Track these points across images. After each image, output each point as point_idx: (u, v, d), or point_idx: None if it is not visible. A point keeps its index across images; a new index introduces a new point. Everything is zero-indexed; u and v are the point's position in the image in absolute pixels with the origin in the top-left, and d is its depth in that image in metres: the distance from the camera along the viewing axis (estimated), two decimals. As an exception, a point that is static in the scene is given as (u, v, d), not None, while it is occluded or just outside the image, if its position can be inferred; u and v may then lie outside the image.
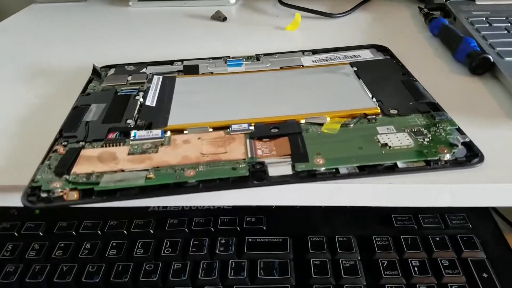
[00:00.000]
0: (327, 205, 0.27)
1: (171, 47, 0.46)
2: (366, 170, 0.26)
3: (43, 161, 0.28)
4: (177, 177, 0.26)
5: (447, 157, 0.26)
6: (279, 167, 0.26)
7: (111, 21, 0.55)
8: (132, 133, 0.30)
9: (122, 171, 0.27)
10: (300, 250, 0.34)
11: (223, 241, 0.35)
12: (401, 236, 0.34)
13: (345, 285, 0.31)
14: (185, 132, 0.30)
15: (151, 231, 0.36)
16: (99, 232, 0.36)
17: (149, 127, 0.31)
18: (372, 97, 0.33)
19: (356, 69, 0.37)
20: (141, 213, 0.37)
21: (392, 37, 0.46)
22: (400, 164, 0.26)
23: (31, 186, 0.26)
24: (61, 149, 0.29)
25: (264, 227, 0.36)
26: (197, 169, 0.26)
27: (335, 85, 0.35)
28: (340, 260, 0.33)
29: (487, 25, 0.43)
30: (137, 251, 0.34)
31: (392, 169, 0.26)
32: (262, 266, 0.33)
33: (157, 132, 0.30)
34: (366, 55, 0.40)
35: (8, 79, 0.41)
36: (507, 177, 0.26)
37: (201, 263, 0.33)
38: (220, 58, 0.41)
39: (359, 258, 0.33)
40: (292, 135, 0.29)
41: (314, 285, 0.31)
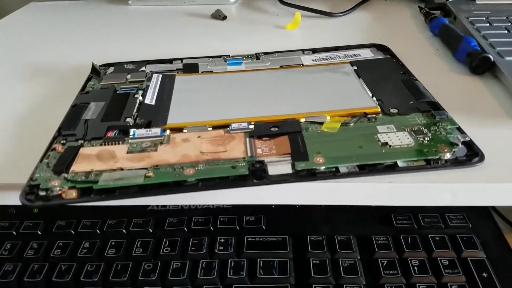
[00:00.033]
0: (326, 204, 0.27)
1: (170, 45, 0.46)
2: (366, 169, 0.26)
3: (41, 160, 0.28)
4: (177, 175, 0.26)
5: (447, 156, 0.26)
6: (278, 166, 0.26)
7: (110, 20, 0.55)
8: (131, 131, 0.30)
9: (121, 169, 0.26)
10: (299, 250, 0.34)
11: (222, 240, 0.34)
12: (401, 236, 0.34)
13: (344, 285, 0.31)
14: (184, 130, 0.30)
15: (150, 230, 0.36)
16: (98, 231, 0.36)
17: (148, 125, 0.31)
18: (372, 96, 0.33)
19: (356, 68, 0.37)
20: (140, 212, 0.37)
21: (392, 36, 0.46)
22: (400, 163, 0.26)
23: (29, 185, 0.26)
24: (59, 148, 0.29)
25: (264, 227, 0.36)
26: (196, 168, 0.26)
27: (335, 84, 0.35)
28: (340, 260, 0.33)
29: (488, 24, 0.43)
30: (136, 250, 0.34)
31: (392, 168, 0.26)
32: (261, 265, 0.32)
33: (156, 131, 0.30)
34: (366, 54, 0.40)
35: (7, 77, 0.41)
36: (507, 177, 0.26)
37: (200, 262, 0.33)
38: (220, 56, 0.41)
39: (358, 258, 0.33)
40: (292, 134, 0.29)
41: (313, 285, 0.31)
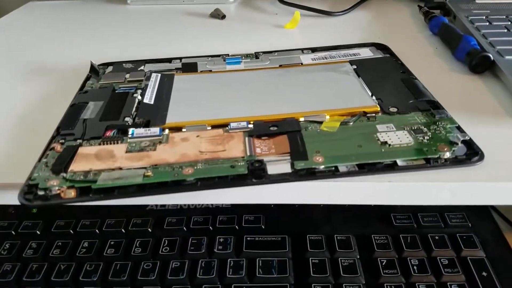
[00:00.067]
0: (326, 203, 0.27)
1: (169, 45, 0.46)
2: (366, 168, 0.26)
3: (40, 159, 0.28)
4: (175, 175, 0.26)
5: (447, 155, 0.26)
6: (278, 165, 0.26)
7: (109, 19, 0.55)
8: (130, 131, 0.30)
9: (120, 169, 0.26)
10: (299, 249, 0.34)
11: (221, 239, 0.34)
12: (400, 235, 0.34)
13: (344, 284, 0.31)
14: (183, 130, 0.30)
15: (149, 230, 0.36)
16: (97, 230, 0.36)
17: (147, 125, 0.31)
18: (372, 95, 0.33)
19: (356, 67, 0.37)
20: (139, 211, 0.37)
21: (392, 35, 0.46)
22: (399, 162, 0.26)
23: (28, 184, 0.26)
24: (58, 147, 0.29)
25: (263, 226, 0.36)
26: (195, 167, 0.26)
27: (335, 83, 0.35)
28: (339, 259, 0.33)
29: (487, 23, 0.43)
30: (135, 249, 0.34)
31: (391, 167, 0.26)
32: (260, 264, 0.32)
33: (155, 130, 0.30)
34: (366, 53, 0.40)
35: (5, 77, 0.41)
36: (507, 176, 0.26)
37: (200, 261, 0.33)
38: (219, 56, 0.41)
39: (358, 257, 0.33)
40: (291, 133, 0.29)
41: (313, 284, 0.31)
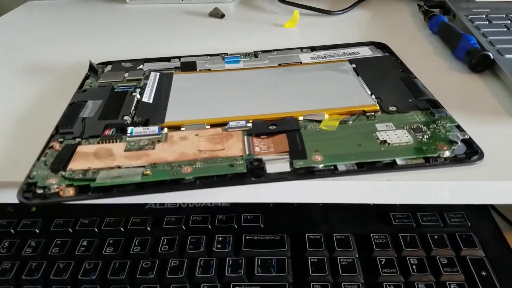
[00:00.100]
0: (325, 202, 0.27)
1: (168, 44, 0.46)
2: (365, 167, 0.26)
3: (39, 158, 0.28)
4: (174, 173, 0.26)
5: (446, 154, 0.26)
6: (277, 164, 0.26)
7: (108, 18, 0.55)
8: (129, 129, 0.30)
9: (119, 167, 0.26)
10: (297, 248, 0.34)
11: (220, 238, 0.34)
12: (399, 234, 0.34)
13: (342, 283, 0.31)
14: (182, 128, 0.30)
15: (148, 229, 0.36)
16: (95, 229, 0.36)
17: (146, 123, 0.31)
18: (371, 94, 0.33)
19: (355, 66, 0.37)
20: (138, 210, 0.37)
21: (391, 34, 0.46)
22: (399, 161, 0.26)
23: (27, 183, 0.26)
24: (57, 146, 0.29)
25: (262, 225, 0.36)
26: (194, 166, 0.26)
27: (334, 82, 0.35)
28: (338, 258, 0.33)
29: (487, 22, 0.43)
30: (134, 248, 0.34)
31: (391, 166, 0.26)
32: (259, 263, 0.32)
33: (154, 129, 0.30)
34: (365, 52, 0.40)
35: (5, 76, 0.41)
36: (506, 175, 0.26)
37: (198, 260, 0.33)
38: (218, 55, 0.41)
39: (357, 256, 0.33)
40: (290, 132, 0.29)
41: (311, 283, 0.31)
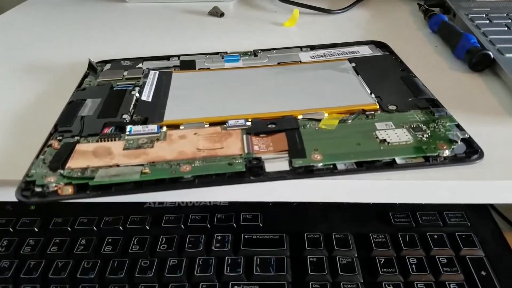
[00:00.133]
0: (324, 201, 0.27)
1: (167, 42, 0.46)
2: (364, 166, 0.26)
3: (37, 156, 0.28)
4: (173, 172, 0.26)
5: (446, 153, 0.26)
6: (276, 162, 0.26)
7: (107, 17, 0.55)
8: (128, 128, 0.30)
9: (117, 166, 0.26)
10: (296, 247, 0.34)
11: (219, 237, 0.34)
12: (398, 234, 0.34)
13: (341, 282, 0.31)
14: (181, 127, 0.30)
15: (147, 227, 0.36)
16: (94, 228, 0.36)
17: (145, 122, 0.31)
18: (371, 93, 0.33)
19: (355, 65, 0.37)
20: (137, 209, 0.37)
21: (391, 33, 0.45)
22: (398, 160, 0.26)
23: (25, 181, 0.26)
24: (56, 144, 0.29)
25: (261, 224, 0.36)
26: (193, 165, 0.26)
27: (333, 81, 0.35)
28: (337, 257, 0.33)
29: (487, 21, 0.43)
30: (133, 247, 0.34)
31: (390, 165, 0.26)
32: (258, 262, 0.32)
33: (153, 127, 0.30)
34: (365, 51, 0.40)
35: (4, 74, 0.41)
36: (506, 174, 0.26)
37: (197, 259, 0.33)
38: (217, 53, 0.41)
39: (356, 255, 0.33)
40: (289, 130, 0.29)
41: (310, 282, 0.31)
